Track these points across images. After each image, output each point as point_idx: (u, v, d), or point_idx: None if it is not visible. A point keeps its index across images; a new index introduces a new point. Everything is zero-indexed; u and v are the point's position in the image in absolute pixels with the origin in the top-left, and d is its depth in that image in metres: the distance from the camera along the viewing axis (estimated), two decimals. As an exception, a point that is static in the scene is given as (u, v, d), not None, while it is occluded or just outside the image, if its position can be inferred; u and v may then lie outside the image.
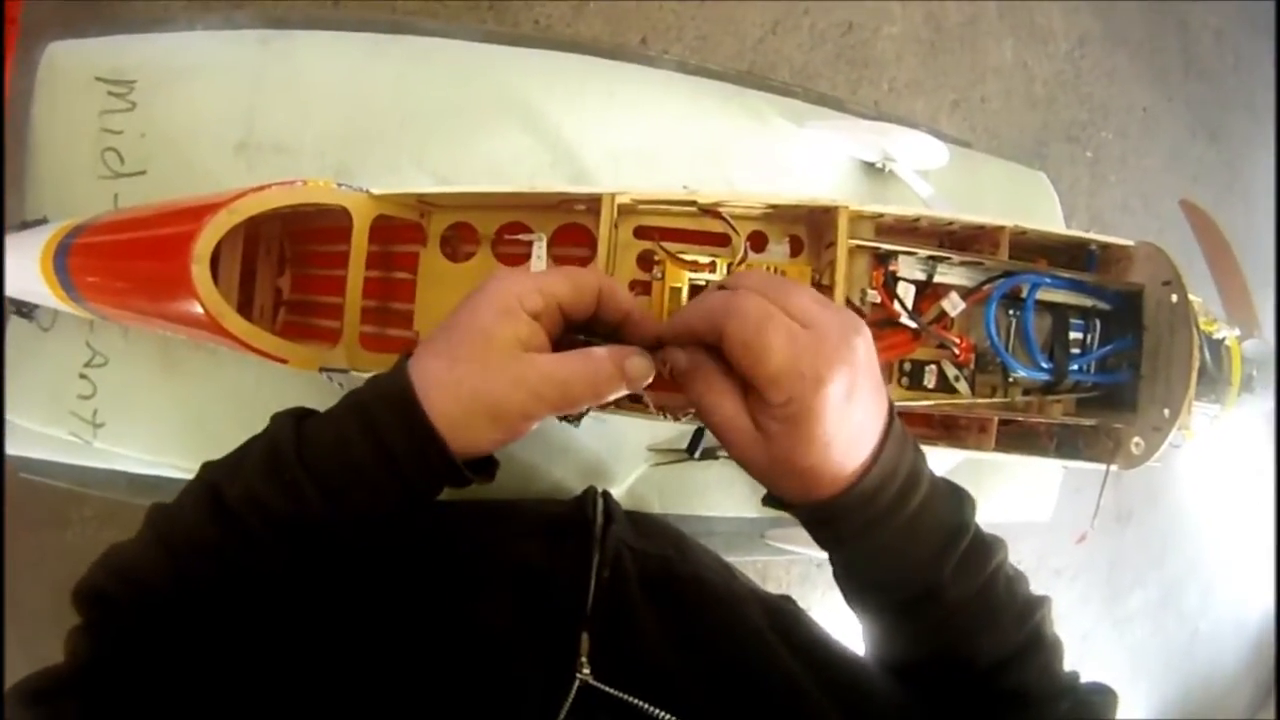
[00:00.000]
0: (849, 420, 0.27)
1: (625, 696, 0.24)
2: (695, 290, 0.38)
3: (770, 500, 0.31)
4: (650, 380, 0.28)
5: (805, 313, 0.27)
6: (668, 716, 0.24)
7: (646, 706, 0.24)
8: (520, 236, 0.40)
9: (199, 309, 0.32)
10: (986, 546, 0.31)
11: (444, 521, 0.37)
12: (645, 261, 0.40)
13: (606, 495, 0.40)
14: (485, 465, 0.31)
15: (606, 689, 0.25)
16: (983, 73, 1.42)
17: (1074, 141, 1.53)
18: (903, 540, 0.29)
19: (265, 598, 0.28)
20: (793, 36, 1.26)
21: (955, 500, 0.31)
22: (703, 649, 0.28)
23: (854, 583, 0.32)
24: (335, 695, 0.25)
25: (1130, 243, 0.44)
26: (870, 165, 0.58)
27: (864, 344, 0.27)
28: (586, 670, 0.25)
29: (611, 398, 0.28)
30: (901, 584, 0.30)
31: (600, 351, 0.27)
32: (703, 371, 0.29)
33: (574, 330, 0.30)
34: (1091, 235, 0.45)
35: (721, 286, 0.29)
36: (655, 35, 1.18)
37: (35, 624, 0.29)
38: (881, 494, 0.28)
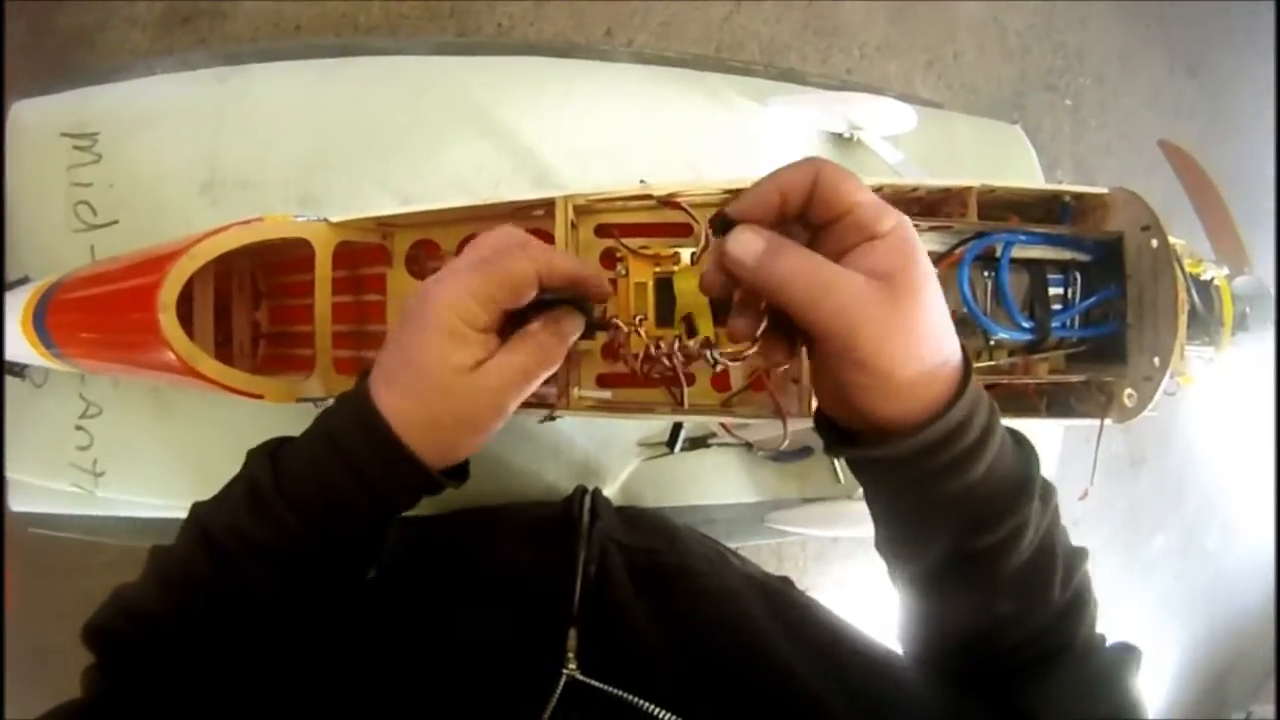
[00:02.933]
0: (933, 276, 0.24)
1: (612, 690, 0.25)
2: (661, 283, 0.38)
3: (834, 444, 0.28)
4: (580, 331, 0.30)
5: None
6: (653, 708, 0.24)
7: (633, 699, 0.24)
8: (484, 248, 0.40)
9: (171, 356, 0.33)
10: (1050, 487, 0.30)
11: (435, 531, 0.38)
12: (610, 259, 0.40)
13: (595, 493, 0.41)
14: (457, 470, 0.31)
15: (593, 683, 0.25)
16: (953, 29, 1.40)
17: (1052, 90, 1.50)
18: (994, 474, 0.27)
19: (261, 622, 0.29)
20: (757, 11, 1.25)
21: (1017, 438, 0.30)
22: (693, 640, 0.29)
23: (928, 534, 0.29)
24: (328, 701, 0.26)
25: (1104, 190, 0.43)
26: (838, 136, 0.58)
27: None
28: (573, 665, 0.26)
29: (560, 360, 0.29)
30: (990, 519, 0.27)
31: (534, 326, 0.29)
32: (787, 246, 0.24)
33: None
34: (1063, 186, 0.44)
35: None
36: (619, 25, 1.17)
37: (61, 668, 0.32)
38: (973, 421, 0.26)
